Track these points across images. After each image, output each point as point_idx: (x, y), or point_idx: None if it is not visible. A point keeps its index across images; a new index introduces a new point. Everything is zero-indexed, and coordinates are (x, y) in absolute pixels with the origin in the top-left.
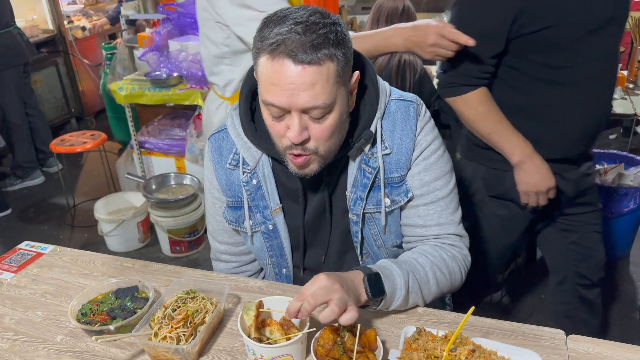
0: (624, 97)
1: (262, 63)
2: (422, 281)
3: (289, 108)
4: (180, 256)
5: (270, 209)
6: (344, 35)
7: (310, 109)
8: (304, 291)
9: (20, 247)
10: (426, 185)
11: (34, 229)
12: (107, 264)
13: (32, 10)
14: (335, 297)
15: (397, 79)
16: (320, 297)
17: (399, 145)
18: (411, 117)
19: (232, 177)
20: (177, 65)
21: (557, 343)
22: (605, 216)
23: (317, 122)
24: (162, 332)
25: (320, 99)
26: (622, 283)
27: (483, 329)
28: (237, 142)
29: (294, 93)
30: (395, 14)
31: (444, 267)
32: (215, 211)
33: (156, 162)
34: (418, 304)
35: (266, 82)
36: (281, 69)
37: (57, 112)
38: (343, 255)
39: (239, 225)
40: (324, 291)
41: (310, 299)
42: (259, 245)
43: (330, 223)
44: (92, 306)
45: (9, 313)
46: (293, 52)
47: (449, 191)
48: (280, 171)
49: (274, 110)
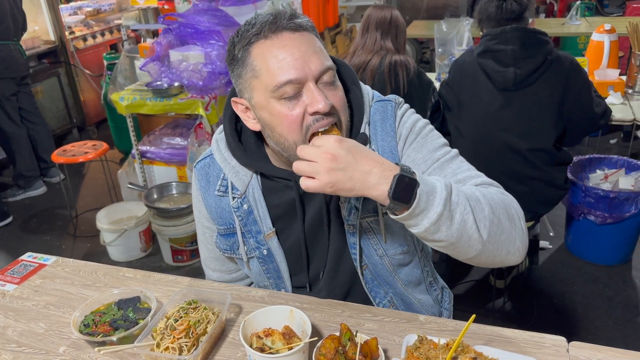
0: (623, 103)
1: (257, 52)
2: (471, 197)
3: (305, 78)
4: (183, 265)
5: (263, 234)
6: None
7: (324, 72)
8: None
9: (22, 259)
10: (422, 161)
11: (36, 239)
12: (109, 275)
13: (34, 21)
14: (321, 168)
15: (390, 80)
16: (306, 170)
17: (383, 147)
18: (389, 116)
19: (222, 204)
20: (178, 75)
21: (559, 350)
22: (606, 221)
23: (331, 90)
24: (165, 342)
25: (328, 60)
26: (624, 288)
27: (485, 337)
28: (224, 167)
29: (305, 59)
30: (384, 23)
31: (495, 195)
32: (205, 240)
33: (158, 171)
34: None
35: (272, 63)
36: (282, 41)
37: (59, 122)
38: (338, 268)
39: (233, 253)
40: (312, 167)
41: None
42: (256, 270)
43: (328, 236)
44: (95, 317)
45: (12, 325)
46: (287, 24)
47: (453, 155)
48: (272, 190)
49: (289, 89)
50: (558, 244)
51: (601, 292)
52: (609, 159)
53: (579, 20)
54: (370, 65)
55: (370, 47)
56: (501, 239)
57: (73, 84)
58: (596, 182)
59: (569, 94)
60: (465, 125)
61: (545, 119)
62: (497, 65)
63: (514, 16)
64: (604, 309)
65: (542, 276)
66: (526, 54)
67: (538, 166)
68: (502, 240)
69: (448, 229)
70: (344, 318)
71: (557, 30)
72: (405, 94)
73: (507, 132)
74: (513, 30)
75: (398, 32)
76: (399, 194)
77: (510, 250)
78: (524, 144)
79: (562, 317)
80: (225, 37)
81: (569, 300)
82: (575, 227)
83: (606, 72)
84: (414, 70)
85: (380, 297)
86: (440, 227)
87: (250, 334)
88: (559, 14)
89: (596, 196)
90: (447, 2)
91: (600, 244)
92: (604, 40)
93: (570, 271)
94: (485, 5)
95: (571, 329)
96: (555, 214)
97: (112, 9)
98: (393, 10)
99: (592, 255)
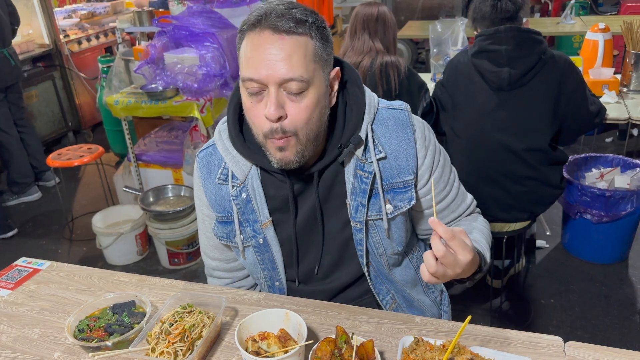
0: (618, 102)
1: (244, 43)
2: (488, 238)
3: (266, 81)
4: (179, 268)
5: (260, 223)
6: (324, 27)
7: (287, 82)
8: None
9: (17, 264)
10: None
11: (32, 243)
12: (104, 279)
13: (28, 25)
14: (452, 274)
15: (382, 81)
16: (450, 268)
17: (397, 151)
18: (406, 124)
19: (222, 192)
20: (173, 77)
21: (555, 350)
22: (603, 220)
23: (295, 101)
24: (160, 347)
25: (297, 72)
26: (621, 286)
27: (481, 338)
28: (226, 156)
29: (271, 64)
30: (370, 20)
31: (486, 231)
32: (205, 228)
33: (153, 174)
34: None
35: (245, 56)
36: (260, 40)
37: (54, 125)
38: (338, 266)
39: (230, 241)
40: (454, 265)
41: (443, 268)
42: (251, 260)
43: (322, 234)
44: (89, 322)
45: (6, 330)
46: (274, 23)
47: (457, 188)
48: (269, 183)
49: (252, 86)
50: (555, 243)
51: (598, 291)
52: (605, 157)
53: (574, 19)
54: (362, 67)
55: (359, 48)
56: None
57: (68, 87)
58: (592, 181)
59: (563, 93)
60: (461, 125)
61: (540, 118)
62: (492, 65)
63: (509, 16)
64: (601, 307)
65: (539, 275)
66: (520, 53)
67: (534, 166)
68: None
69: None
70: (340, 320)
71: (552, 30)
72: (396, 95)
73: (503, 132)
74: (507, 30)
75: (386, 29)
76: None
77: None
78: (520, 144)
79: (559, 316)
80: (220, 39)
81: (565, 299)
82: (571, 226)
83: (601, 71)
84: (404, 71)
85: (384, 294)
86: (483, 271)
87: (245, 337)
88: (553, 13)
89: (592, 195)
90: (442, 3)
91: (597, 242)
92: (598, 39)
93: (567, 270)
94: (479, 4)
95: (568, 327)
96: (552, 213)
97: (107, 11)
98: (380, 6)
99: (588, 253)
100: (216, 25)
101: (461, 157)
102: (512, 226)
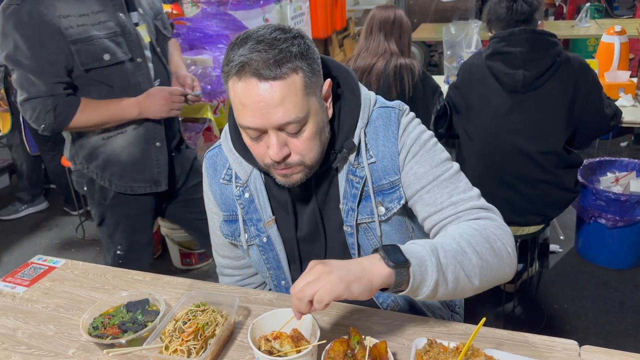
0: (634, 105)
1: (231, 86)
2: (457, 252)
3: (264, 128)
4: (191, 268)
5: (263, 222)
6: (307, 47)
7: (285, 125)
8: (292, 289)
9: (32, 261)
10: (424, 176)
11: (46, 242)
12: (118, 277)
13: None
14: (321, 289)
15: (395, 83)
16: (308, 292)
17: (383, 152)
18: (392, 122)
19: (227, 192)
20: None
21: (570, 354)
22: (617, 224)
23: (295, 137)
24: (173, 345)
25: (293, 114)
26: (636, 292)
27: (495, 341)
28: (230, 157)
29: (265, 112)
30: (387, 24)
31: (477, 235)
32: (214, 226)
33: None
34: (469, 285)
35: (237, 104)
36: (248, 88)
37: None
38: None
39: (235, 239)
40: (311, 285)
41: (295, 300)
42: (256, 258)
43: (324, 236)
44: (104, 319)
45: (21, 327)
46: (257, 71)
47: (452, 173)
48: (272, 183)
49: (251, 132)
50: (568, 248)
51: (612, 297)
52: (620, 161)
53: (589, 22)
54: (376, 69)
55: (374, 49)
56: (492, 275)
57: None
58: (607, 185)
59: (578, 95)
60: (474, 128)
61: (554, 121)
62: (506, 67)
63: (524, 17)
64: (615, 313)
65: (552, 280)
66: (535, 56)
67: (548, 169)
68: (493, 276)
69: (445, 289)
70: (352, 321)
71: (567, 33)
72: (410, 98)
73: (517, 134)
74: (522, 32)
75: (402, 32)
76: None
77: (500, 279)
78: (534, 147)
79: (573, 322)
80: None
81: (579, 304)
82: (585, 230)
83: (617, 74)
84: (418, 74)
85: (384, 297)
86: (438, 290)
87: (258, 336)
88: (568, 17)
89: (607, 199)
90: (455, 5)
91: (611, 247)
92: (614, 42)
93: (581, 275)
94: (494, 6)
95: (582, 333)
96: (566, 217)
97: None
98: (397, 10)
99: (602, 259)
100: (230, 28)
101: (475, 160)
102: (525, 230)
